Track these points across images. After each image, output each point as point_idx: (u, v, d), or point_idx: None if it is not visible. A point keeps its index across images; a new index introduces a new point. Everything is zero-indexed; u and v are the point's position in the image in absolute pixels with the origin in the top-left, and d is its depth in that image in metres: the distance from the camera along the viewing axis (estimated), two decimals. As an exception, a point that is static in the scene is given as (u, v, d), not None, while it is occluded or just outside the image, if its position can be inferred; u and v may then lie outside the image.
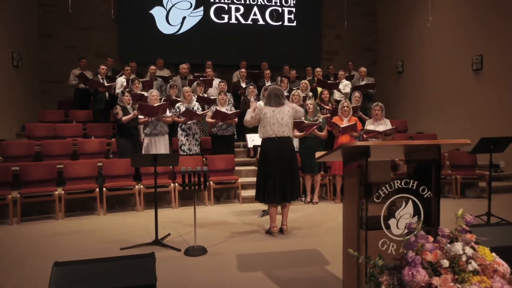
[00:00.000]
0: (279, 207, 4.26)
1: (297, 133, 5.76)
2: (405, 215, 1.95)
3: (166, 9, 9.35)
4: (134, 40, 9.17)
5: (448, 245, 1.58)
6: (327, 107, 6.76)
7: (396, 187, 1.91)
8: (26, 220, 5.13)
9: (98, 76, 7.48)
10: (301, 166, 5.99)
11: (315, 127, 5.53)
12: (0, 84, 7.21)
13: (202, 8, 9.49)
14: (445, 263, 1.54)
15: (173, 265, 3.42)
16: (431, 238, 1.70)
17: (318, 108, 6.72)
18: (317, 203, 5.80)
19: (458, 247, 1.54)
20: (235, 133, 7.02)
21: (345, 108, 5.72)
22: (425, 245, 1.58)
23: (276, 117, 3.97)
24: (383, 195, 1.90)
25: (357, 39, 10.55)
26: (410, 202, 1.95)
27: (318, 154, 2.22)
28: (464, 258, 1.53)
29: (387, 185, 1.90)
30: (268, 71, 8.37)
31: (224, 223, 4.85)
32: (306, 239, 4.09)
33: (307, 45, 10.11)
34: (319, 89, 7.73)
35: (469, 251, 1.54)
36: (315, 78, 8.31)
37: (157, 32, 9.33)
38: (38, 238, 4.33)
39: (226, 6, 9.62)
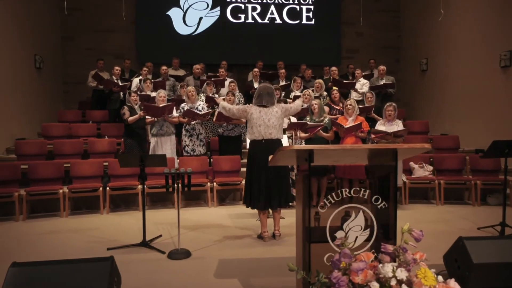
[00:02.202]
0: (271, 211, 4.10)
1: (302, 134, 5.57)
2: (355, 227, 1.75)
3: (183, 10, 9.40)
4: (151, 42, 9.30)
5: (380, 266, 1.38)
6: (337, 107, 6.48)
7: (344, 196, 1.72)
8: (33, 217, 5.28)
9: (113, 77, 7.63)
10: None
11: (319, 128, 5.30)
12: (22, 86, 7.51)
13: (218, 8, 9.46)
14: (375, 286, 1.35)
15: (151, 268, 3.36)
16: (368, 256, 1.51)
17: (328, 108, 6.49)
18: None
19: (387, 268, 1.34)
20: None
21: (349, 106, 5.45)
22: (352, 264, 1.39)
23: (263, 119, 3.80)
24: (328, 205, 1.72)
25: (379, 36, 10.12)
26: (360, 213, 1.75)
27: (270, 157, 2.07)
28: (394, 282, 1.33)
29: (333, 194, 1.71)
30: (283, 71, 8.20)
31: (219, 226, 4.75)
32: (297, 245, 3.90)
33: (326, 44, 9.82)
34: (335, 89, 7.46)
35: (401, 274, 1.34)
36: (331, 78, 8.04)
37: (174, 33, 9.40)
38: (35, 236, 4.43)
39: (242, 6, 9.53)
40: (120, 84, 7.46)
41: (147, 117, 6.06)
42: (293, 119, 5.73)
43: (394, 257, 1.52)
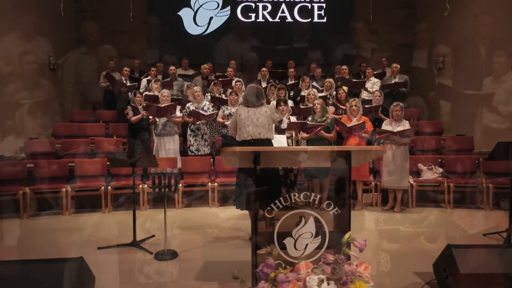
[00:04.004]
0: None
1: (304, 135, 5.45)
2: (305, 234, 1.65)
3: (193, 10, 9.43)
4: (162, 42, 9.37)
5: (307, 278, 1.29)
6: (343, 107, 6.29)
7: (293, 200, 1.63)
8: (37, 215, 5.41)
9: (122, 77, 7.74)
10: (308, 170, 5.66)
11: (319, 128, 5.17)
12: (37, 87, 7.73)
13: (229, 7, 9.42)
14: (303, 298, 1.26)
15: (134, 269, 3.35)
16: (307, 266, 1.41)
17: (334, 108, 6.33)
18: (324, 209, 5.42)
19: (313, 281, 1.25)
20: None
21: (354, 107, 5.28)
22: (278, 275, 1.30)
23: (251, 118, 3.71)
24: (276, 210, 1.63)
25: (394, 34, 9.79)
26: (311, 219, 1.65)
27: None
28: (319, 296, 1.23)
29: (281, 199, 1.62)
30: (292, 70, 8.08)
31: (215, 226, 4.72)
32: (287, 249, 3.80)
33: (338, 42, 9.58)
34: (345, 88, 7.28)
35: (328, 287, 1.24)
36: (341, 77, 7.86)
37: (185, 33, 9.44)
38: (35, 233, 4.53)
39: (253, 5, 9.45)
40: (128, 84, 7.55)
41: (150, 117, 6.10)
42: (293, 119, 5.62)
43: (336, 267, 1.42)
